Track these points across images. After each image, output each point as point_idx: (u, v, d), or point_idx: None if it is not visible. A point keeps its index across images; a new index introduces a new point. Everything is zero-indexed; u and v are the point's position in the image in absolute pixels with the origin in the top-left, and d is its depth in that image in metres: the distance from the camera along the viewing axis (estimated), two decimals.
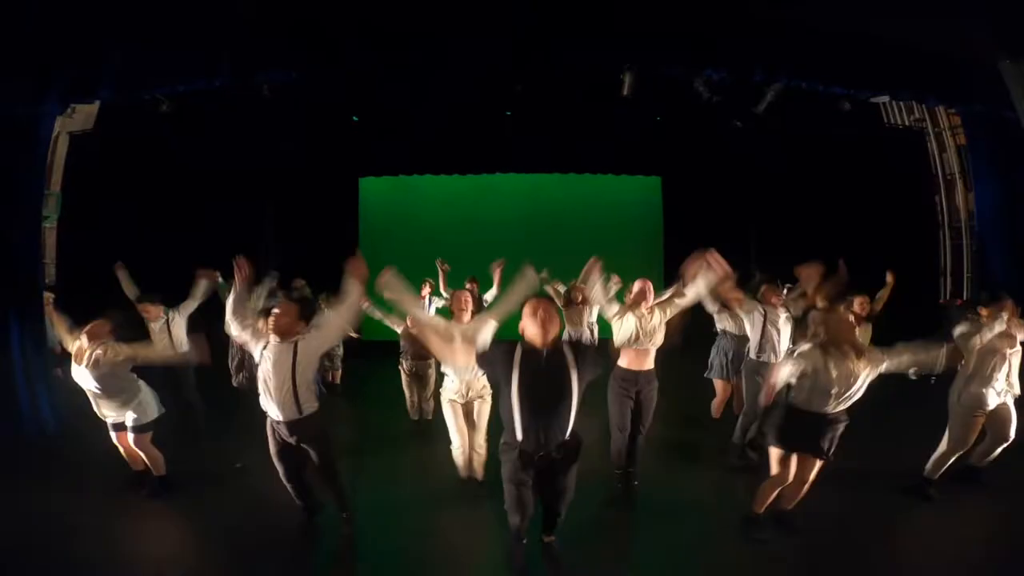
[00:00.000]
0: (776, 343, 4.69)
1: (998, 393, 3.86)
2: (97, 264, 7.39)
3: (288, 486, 3.45)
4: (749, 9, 5.55)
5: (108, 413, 3.87)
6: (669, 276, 10.52)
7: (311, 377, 3.30)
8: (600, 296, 4.13)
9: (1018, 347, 3.86)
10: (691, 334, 4.75)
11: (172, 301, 5.34)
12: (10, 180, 5.69)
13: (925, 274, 8.15)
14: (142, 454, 3.93)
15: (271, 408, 3.25)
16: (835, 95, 6.67)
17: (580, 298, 6.25)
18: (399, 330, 5.35)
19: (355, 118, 8.24)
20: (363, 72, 6.67)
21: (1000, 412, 3.91)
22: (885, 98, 6.65)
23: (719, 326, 5.49)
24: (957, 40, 5.32)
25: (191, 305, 5.28)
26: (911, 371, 4.95)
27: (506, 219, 10.61)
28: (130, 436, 3.88)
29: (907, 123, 7.70)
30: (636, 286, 4.25)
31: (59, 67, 6.00)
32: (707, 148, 9.22)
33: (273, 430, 3.33)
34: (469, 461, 4.10)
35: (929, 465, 3.98)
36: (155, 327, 5.08)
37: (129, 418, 3.85)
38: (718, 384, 5.58)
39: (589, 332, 6.34)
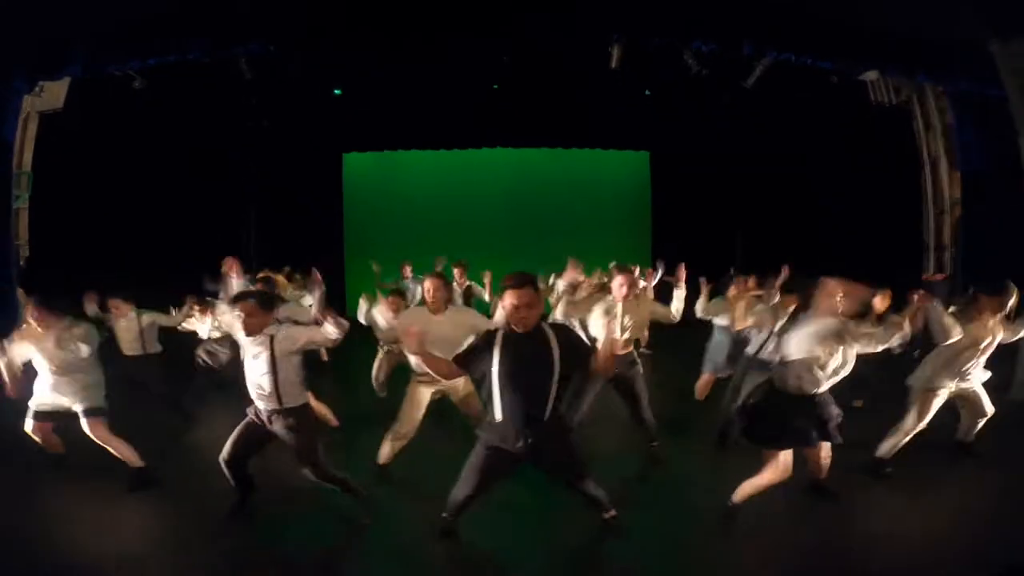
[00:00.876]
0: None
1: (963, 379, 3.85)
2: (70, 245, 7.28)
3: (224, 466, 3.26)
4: None
5: (57, 398, 3.78)
6: (657, 252, 10.56)
7: (294, 372, 3.18)
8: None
9: (995, 340, 3.79)
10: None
11: (146, 286, 5.22)
12: None
13: (910, 250, 8.23)
14: (109, 447, 3.85)
15: (253, 396, 3.21)
16: (824, 70, 6.63)
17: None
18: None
19: (337, 91, 8.01)
20: (346, 44, 6.49)
21: (966, 392, 3.91)
22: (874, 75, 6.61)
23: (717, 321, 5.25)
24: (947, 19, 5.27)
25: (166, 322, 5.08)
26: (895, 345, 5.00)
27: (492, 195, 10.51)
28: (84, 423, 3.79)
29: (894, 101, 7.66)
30: (618, 280, 4.10)
31: (24, 43, 5.75)
32: (696, 124, 9.14)
33: (255, 410, 3.27)
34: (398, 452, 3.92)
35: (885, 444, 3.94)
36: (122, 324, 4.99)
37: (81, 403, 3.76)
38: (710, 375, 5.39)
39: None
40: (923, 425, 3.88)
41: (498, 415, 2.73)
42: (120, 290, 4.99)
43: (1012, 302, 3.73)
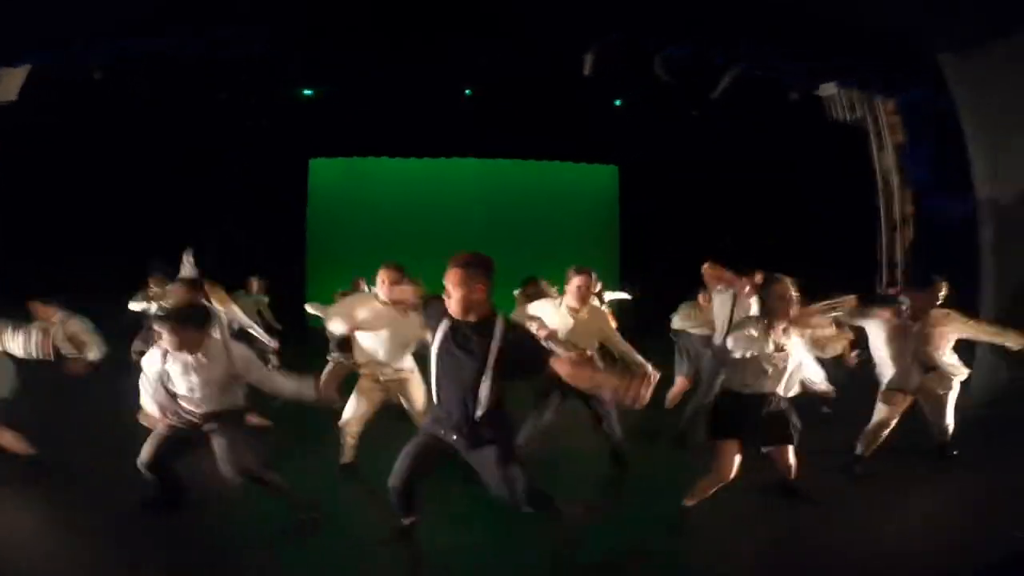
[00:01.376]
0: None
1: (922, 372, 3.87)
2: (23, 242, 6.82)
3: (144, 467, 3.01)
4: None
5: None
6: (625, 268, 10.70)
7: (228, 381, 3.02)
8: None
9: (936, 330, 3.82)
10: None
11: (91, 286, 4.94)
12: None
13: (865, 265, 8.54)
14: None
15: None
16: (784, 85, 6.95)
17: None
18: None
19: (308, 92, 7.88)
20: (321, 41, 6.42)
21: (927, 387, 3.92)
22: (832, 89, 6.94)
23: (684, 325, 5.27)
24: (899, 29, 5.59)
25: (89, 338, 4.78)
26: (852, 354, 5.10)
27: (461, 206, 10.45)
28: None
29: (848, 119, 8.05)
30: (575, 282, 3.79)
31: None
32: (664, 138, 9.37)
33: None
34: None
35: (860, 442, 3.97)
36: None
37: None
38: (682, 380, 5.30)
39: None
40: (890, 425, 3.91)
41: (434, 399, 2.60)
42: (60, 285, 4.68)
43: (942, 295, 3.89)
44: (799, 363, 3.10)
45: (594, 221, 10.90)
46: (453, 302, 2.42)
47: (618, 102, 8.56)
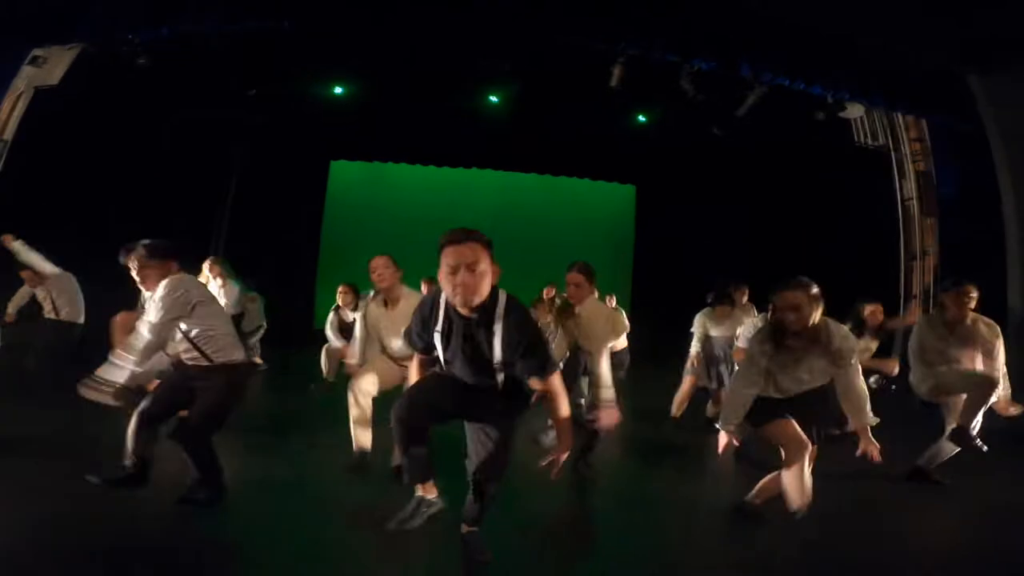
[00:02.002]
0: None
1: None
2: (39, 218, 6.83)
3: (134, 428, 2.78)
4: (740, 2, 5.76)
5: None
6: (637, 289, 10.62)
7: (208, 330, 2.83)
8: None
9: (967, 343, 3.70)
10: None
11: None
12: None
13: (888, 294, 8.44)
14: None
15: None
16: (810, 104, 6.97)
17: None
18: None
19: (339, 90, 7.97)
20: (353, 31, 6.51)
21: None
22: (859, 112, 6.97)
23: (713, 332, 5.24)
24: (928, 53, 5.65)
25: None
26: (871, 379, 5.01)
27: (477, 216, 10.42)
28: None
29: (870, 145, 8.07)
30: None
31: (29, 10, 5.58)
32: (684, 159, 9.42)
33: (181, 365, 2.90)
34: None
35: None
36: (40, 294, 5.18)
37: None
38: (689, 382, 5.29)
39: None
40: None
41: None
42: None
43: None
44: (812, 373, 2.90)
45: (609, 239, 10.88)
46: (464, 301, 2.11)
47: (642, 118, 8.61)
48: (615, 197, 10.83)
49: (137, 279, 2.88)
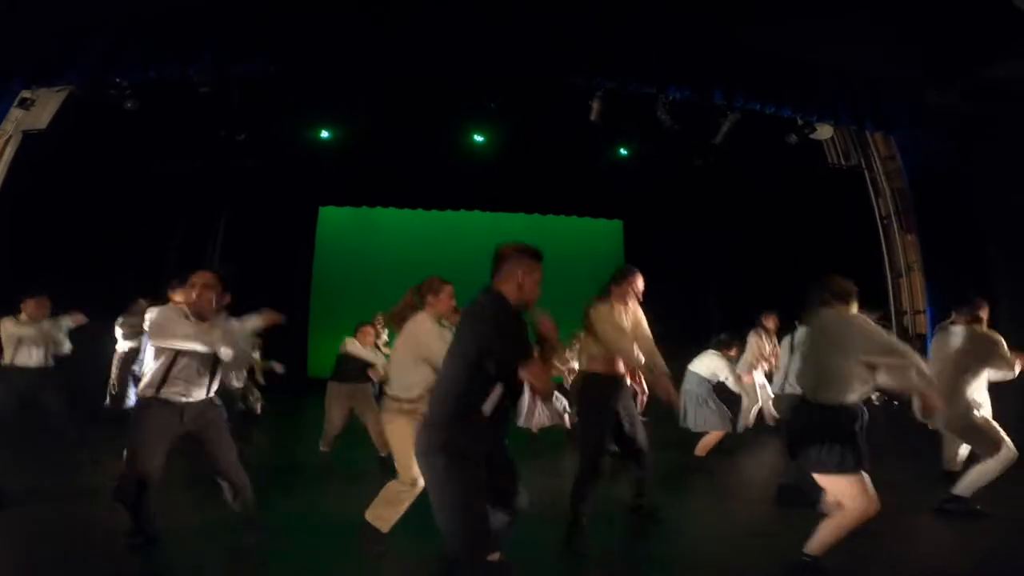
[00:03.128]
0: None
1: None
2: (23, 264, 6.80)
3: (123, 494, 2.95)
4: (709, 33, 6.06)
5: None
6: None
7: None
8: None
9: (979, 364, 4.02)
10: None
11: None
12: None
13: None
14: None
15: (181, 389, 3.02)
16: (783, 128, 7.23)
17: None
18: None
19: (325, 134, 8.15)
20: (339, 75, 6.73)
21: None
22: (829, 132, 7.22)
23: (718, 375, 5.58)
24: (890, 68, 5.93)
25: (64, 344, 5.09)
26: (873, 396, 5.00)
27: (466, 257, 10.45)
28: None
29: (844, 165, 8.30)
30: None
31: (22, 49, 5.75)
32: (668, 191, 9.63)
33: (163, 415, 2.98)
34: None
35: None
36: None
37: None
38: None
39: None
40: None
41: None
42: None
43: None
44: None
45: (600, 275, 10.91)
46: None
47: (624, 151, 8.84)
48: (604, 232, 10.99)
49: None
